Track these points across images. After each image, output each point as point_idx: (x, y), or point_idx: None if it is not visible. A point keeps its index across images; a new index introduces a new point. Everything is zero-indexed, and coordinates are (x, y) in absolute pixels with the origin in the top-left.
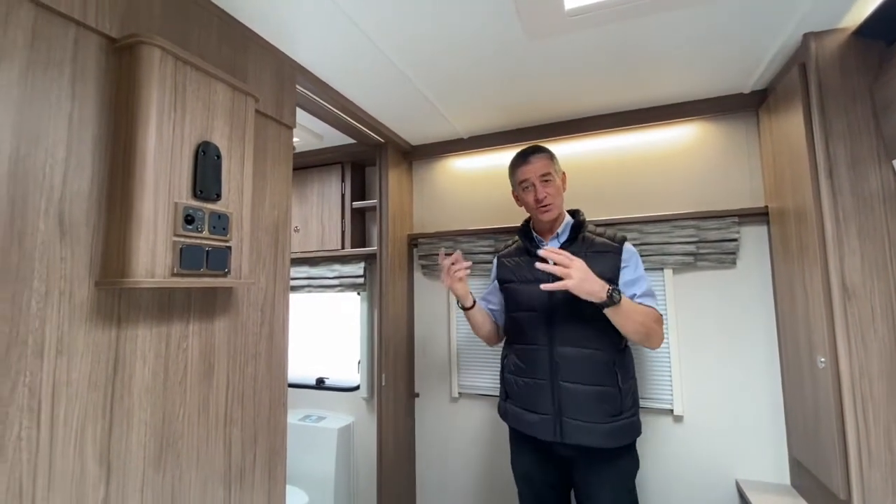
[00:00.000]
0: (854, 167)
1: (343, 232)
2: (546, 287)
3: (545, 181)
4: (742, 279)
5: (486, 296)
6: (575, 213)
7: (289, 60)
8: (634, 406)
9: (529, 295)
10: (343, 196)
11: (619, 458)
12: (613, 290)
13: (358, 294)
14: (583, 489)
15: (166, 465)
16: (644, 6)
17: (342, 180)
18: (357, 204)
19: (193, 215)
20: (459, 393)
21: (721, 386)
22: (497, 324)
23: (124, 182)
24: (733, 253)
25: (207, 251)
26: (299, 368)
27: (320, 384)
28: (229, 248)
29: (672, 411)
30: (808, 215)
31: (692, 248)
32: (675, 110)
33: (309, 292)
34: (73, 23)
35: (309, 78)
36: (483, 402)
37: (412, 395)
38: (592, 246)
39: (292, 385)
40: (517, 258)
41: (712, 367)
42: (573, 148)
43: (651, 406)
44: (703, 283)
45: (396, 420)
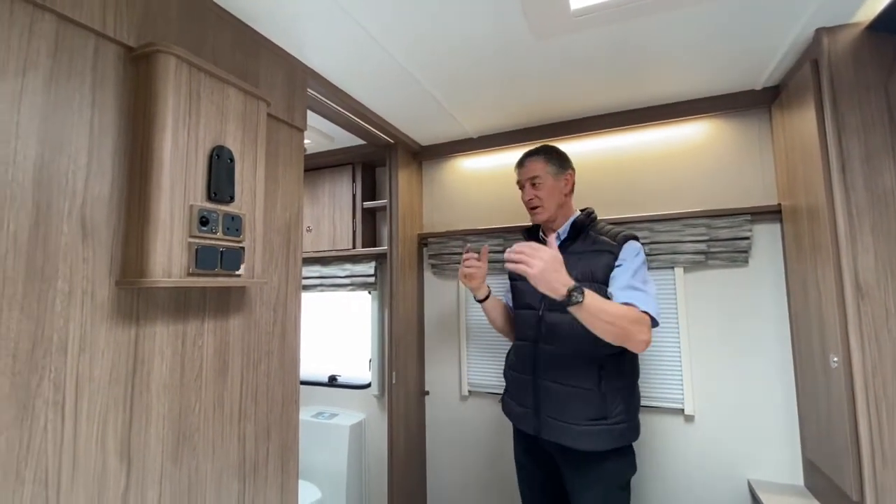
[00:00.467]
0: (868, 163)
1: (354, 232)
2: (508, 267)
3: (533, 184)
4: (754, 278)
5: (507, 293)
6: (583, 211)
7: (299, 65)
8: (627, 412)
9: (528, 293)
10: (354, 196)
11: (605, 462)
12: (575, 290)
13: (369, 293)
14: (568, 488)
15: (183, 458)
16: (650, 5)
17: (353, 181)
18: (368, 204)
19: (208, 217)
20: (469, 391)
21: (733, 385)
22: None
23: (142, 186)
24: (745, 251)
25: (221, 252)
26: (312, 366)
27: (333, 381)
28: (242, 249)
29: (683, 411)
30: (821, 212)
31: (703, 247)
32: (686, 108)
33: (321, 291)
34: (93, 33)
35: (319, 81)
36: (493, 401)
37: (422, 393)
38: (594, 244)
39: (305, 382)
40: None
41: (724, 367)
42: (583, 146)
43: (661, 406)
44: (715, 282)
45: (407, 417)
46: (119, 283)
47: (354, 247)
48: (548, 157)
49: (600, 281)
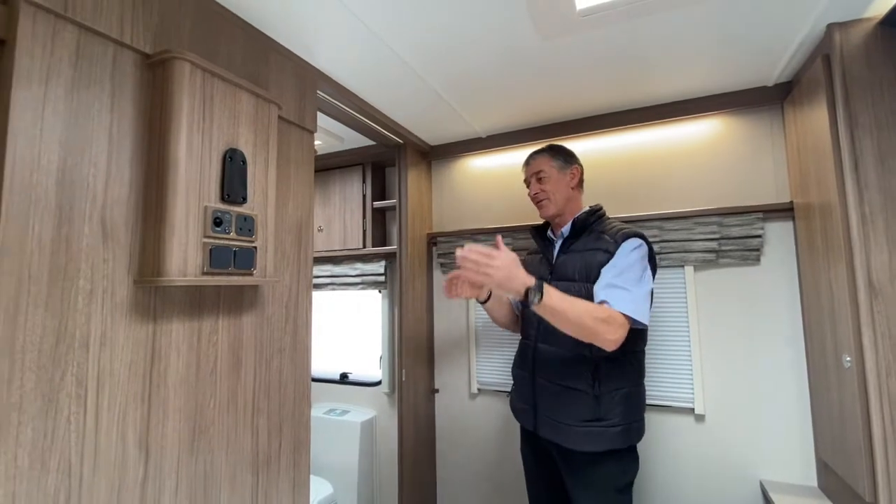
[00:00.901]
0: (881, 162)
1: (364, 231)
2: (464, 276)
3: (539, 179)
4: (766, 276)
5: None
6: (590, 208)
7: (309, 67)
8: (623, 415)
9: None
10: (364, 196)
11: (601, 463)
12: (532, 289)
13: (379, 292)
14: (567, 486)
15: (199, 451)
16: (658, 3)
17: (363, 181)
18: (378, 204)
19: (221, 218)
20: (478, 389)
21: (745, 385)
22: (518, 314)
23: (158, 188)
24: (757, 250)
25: (235, 251)
26: (325, 363)
27: (344, 379)
28: (255, 249)
29: (693, 410)
30: (834, 211)
31: (714, 245)
32: (697, 105)
33: (333, 290)
34: (112, 42)
35: (329, 83)
36: (502, 399)
37: (432, 391)
38: (595, 242)
39: (318, 379)
40: (533, 255)
41: (735, 366)
42: (593, 145)
43: (671, 405)
44: (726, 281)
45: (417, 415)
46: (137, 282)
47: (365, 246)
48: (552, 153)
49: (593, 280)
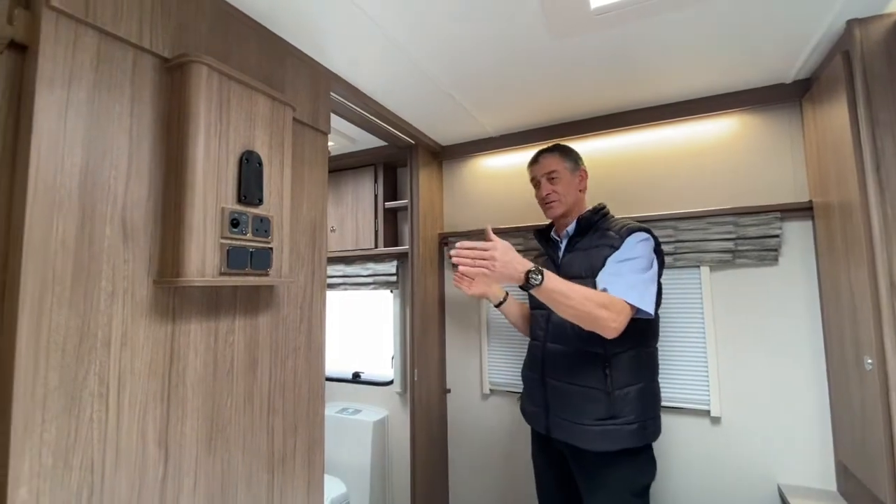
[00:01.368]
0: None
1: (376, 231)
2: (462, 272)
3: (550, 178)
4: (784, 277)
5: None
6: (593, 208)
7: (323, 70)
8: (637, 413)
9: None
10: (376, 197)
11: (616, 464)
12: (533, 271)
13: (391, 292)
14: (581, 490)
15: (216, 449)
16: (672, 1)
17: (375, 181)
18: (389, 204)
19: (238, 219)
20: (490, 389)
21: (762, 387)
22: None
23: (177, 190)
24: (775, 250)
25: (251, 252)
26: (337, 363)
27: (356, 378)
28: (271, 249)
29: (709, 412)
30: (854, 210)
31: (731, 245)
32: (713, 103)
33: (345, 290)
34: (132, 46)
35: (342, 85)
36: (514, 399)
37: (444, 391)
38: (601, 239)
39: (330, 379)
40: (541, 256)
41: (752, 368)
42: (606, 144)
43: (685, 407)
44: (743, 282)
45: (429, 414)
46: (157, 282)
47: (377, 246)
48: (563, 154)
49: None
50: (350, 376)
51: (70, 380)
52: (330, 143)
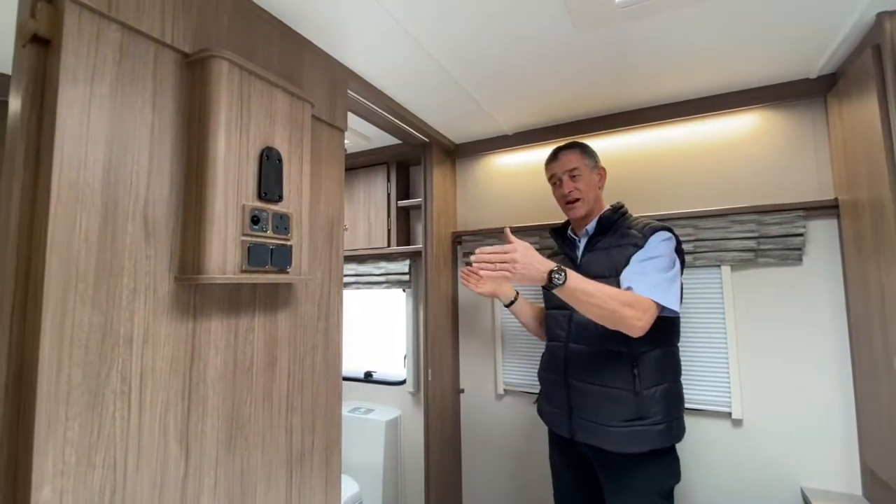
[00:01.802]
0: None
1: (389, 230)
2: (484, 275)
3: (572, 176)
4: (809, 276)
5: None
6: (611, 206)
7: (341, 66)
8: (664, 413)
9: None
10: (389, 195)
11: (643, 466)
12: (556, 271)
13: (403, 291)
14: (606, 492)
15: (236, 448)
16: None
17: (387, 180)
18: (402, 203)
19: (259, 216)
20: (504, 390)
21: (785, 388)
22: None
23: (198, 186)
24: (798, 249)
25: (271, 249)
26: (349, 362)
27: (368, 377)
28: (290, 247)
29: (730, 415)
30: (886, 209)
31: (753, 244)
32: (734, 99)
33: (357, 289)
34: (153, 41)
35: (359, 82)
36: (528, 400)
37: (457, 391)
38: (621, 238)
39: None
40: (556, 256)
41: (775, 369)
42: (624, 141)
43: (706, 409)
44: (765, 281)
45: (443, 415)
46: (178, 279)
47: (389, 245)
48: (583, 151)
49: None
50: (362, 375)
51: (93, 377)
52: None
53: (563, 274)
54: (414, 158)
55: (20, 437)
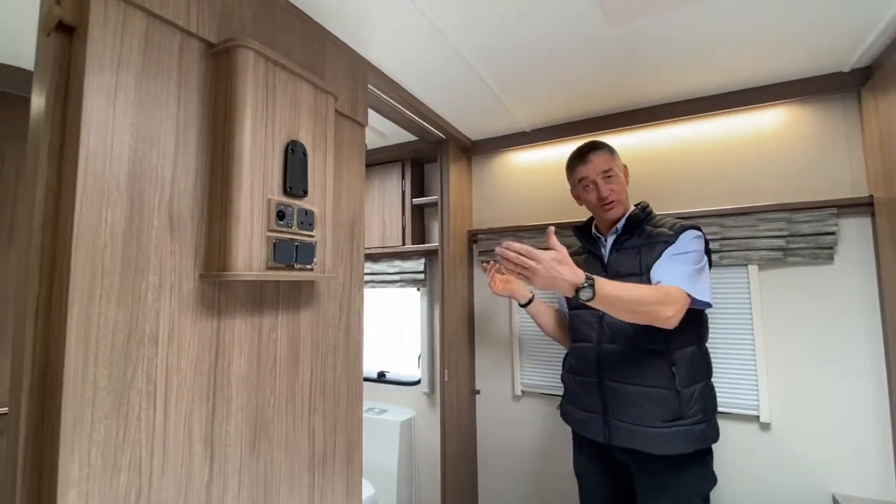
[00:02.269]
0: None
1: (403, 228)
2: (507, 269)
3: (607, 177)
4: (841, 276)
5: (560, 297)
6: (637, 205)
7: (361, 59)
8: (703, 412)
9: None
10: (403, 193)
11: (684, 469)
12: (581, 290)
13: (417, 290)
14: (644, 498)
15: (260, 450)
16: None
17: (402, 177)
18: (417, 200)
19: (284, 211)
20: (522, 391)
21: (815, 391)
22: (567, 324)
23: (224, 180)
24: (830, 248)
25: (297, 246)
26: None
27: (381, 377)
28: (315, 243)
29: (758, 418)
30: None
31: (781, 243)
32: (761, 94)
33: (371, 287)
34: (179, 30)
35: (379, 76)
36: (547, 402)
37: (473, 392)
38: (650, 237)
39: None
40: (579, 256)
41: (805, 371)
42: (647, 137)
43: (733, 412)
44: (795, 281)
45: (460, 416)
46: (203, 276)
47: (404, 244)
48: (611, 151)
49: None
50: (375, 375)
51: (119, 377)
52: None
53: (592, 290)
54: (429, 156)
55: (44, 440)
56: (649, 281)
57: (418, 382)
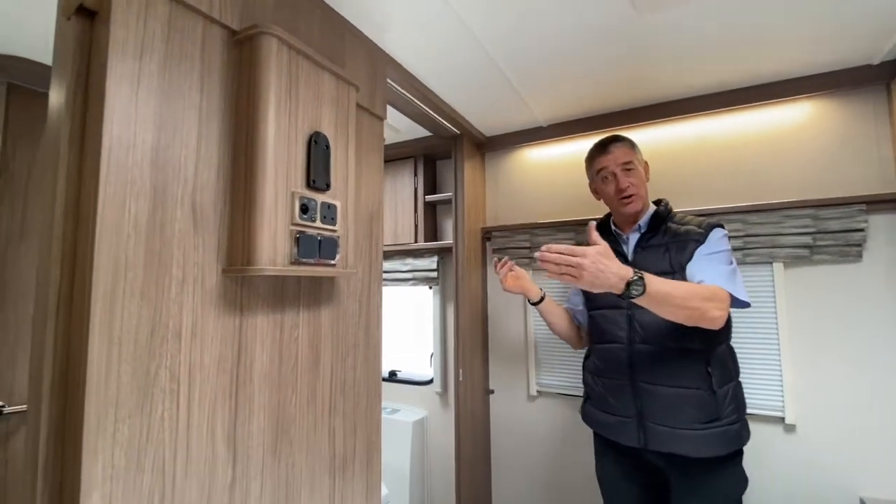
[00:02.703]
0: None
1: (416, 226)
2: (550, 277)
3: (627, 170)
4: (870, 274)
5: (571, 297)
6: (658, 203)
7: (380, 52)
8: (737, 412)
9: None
10: (416, 190)
11: (720, 473)
12: (633, 283)
13: (430, 288)
14: (679, 502)
15: (281, 452)
16: None
17: (415, 174)
18: (430, 197)
19: (307, 205)
20: (538, 391)
21: (842, 393)
22: (580, 325)
23: (247, 171)
24: (859, 245)
25: (320, 240)
26: None
27: (393, 377)
28: (337, 238)
29: (783, 419)
30: None
31: (808, 240)
32: (788, 87)
33: (384, 285)
34: (201, 16)
35: (396, 69)
36: (564, 402)
37: (487, 392)
38: (677, 235)
39: None
40: None
41: (832, 372)
42: (668, 132)
43: (757, 413)
44: (821, 279)
45: (474, 416)
46: (226, 271)
47: (416, 241)
48: (632, 144)
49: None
50: (386, 375)
51: (142, 374)
52: None
53: (643, 284)
54: (441, 152)
55: (66, 440)
56: (683, 279)
57: (431, 382)
